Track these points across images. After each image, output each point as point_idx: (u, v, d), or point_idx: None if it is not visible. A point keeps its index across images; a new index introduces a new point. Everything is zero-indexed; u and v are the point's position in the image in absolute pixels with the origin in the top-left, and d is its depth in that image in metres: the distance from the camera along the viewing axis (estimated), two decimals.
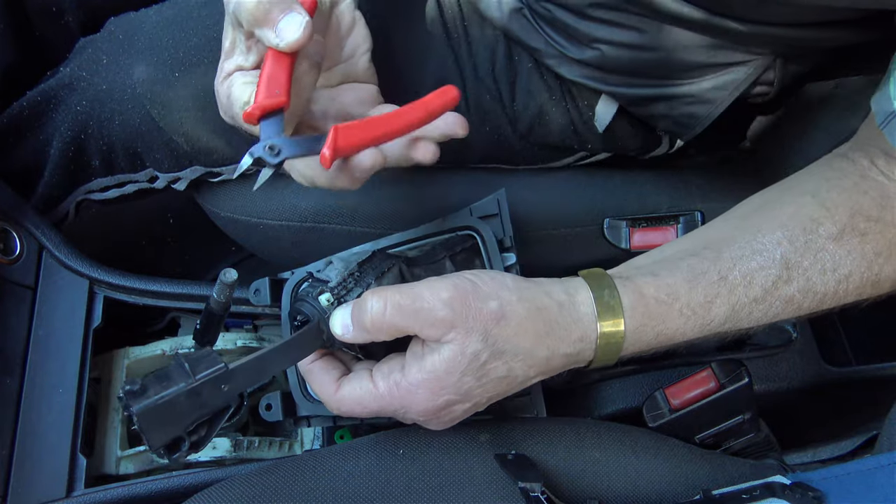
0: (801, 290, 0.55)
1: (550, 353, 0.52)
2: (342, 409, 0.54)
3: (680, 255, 0.57)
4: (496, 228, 0.66)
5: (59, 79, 0.72)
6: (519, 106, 0.77)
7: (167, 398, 0.45)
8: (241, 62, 0.53)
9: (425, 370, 0.50)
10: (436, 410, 0.52)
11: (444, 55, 0.75)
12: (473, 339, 0.49)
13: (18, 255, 0.66)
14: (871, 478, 0.51)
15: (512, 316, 0.50)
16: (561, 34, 0.72)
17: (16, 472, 0.60)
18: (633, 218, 0.80)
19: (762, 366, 0.83)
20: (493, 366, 0.51)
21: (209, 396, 0.47)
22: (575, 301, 0.53)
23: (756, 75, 0.69)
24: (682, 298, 0.54)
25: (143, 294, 0.71)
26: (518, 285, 0.52)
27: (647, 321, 0.53)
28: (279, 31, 0.49)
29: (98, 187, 0.75)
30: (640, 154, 0.84)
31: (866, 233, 0.55)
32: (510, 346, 0.50)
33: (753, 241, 0.56)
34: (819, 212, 0.56)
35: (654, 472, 0.62)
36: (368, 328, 0.51)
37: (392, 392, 0.51)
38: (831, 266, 0.55)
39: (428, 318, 0.49)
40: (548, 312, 0.51)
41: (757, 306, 0.55)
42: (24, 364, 0.63)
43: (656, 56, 0.68)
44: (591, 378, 0.83)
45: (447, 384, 0.50)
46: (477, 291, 0.50)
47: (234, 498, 0.57)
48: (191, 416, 0.47)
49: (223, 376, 0.48)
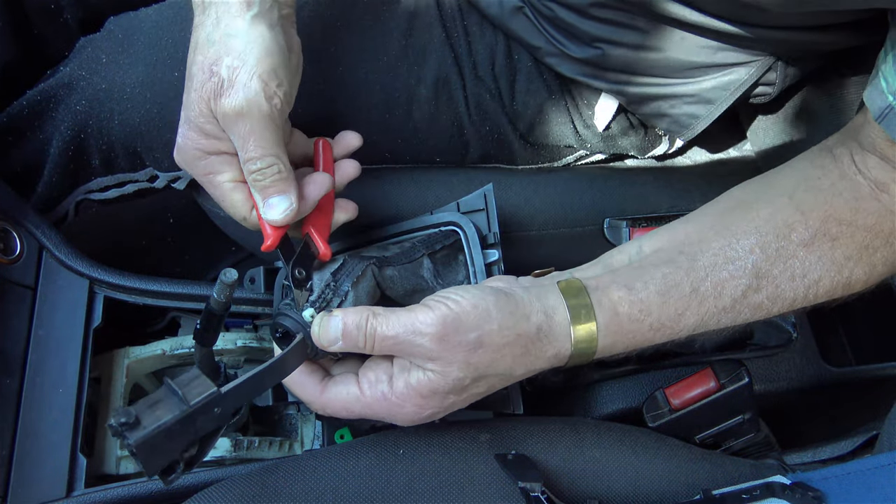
0: (769, 297, 0.57)
1: (526, 370, 0.55)
2: (328, 411, 0.56)
3: (655, 262, 0.58)
4: (482, 224, 0.66)
5: (58, 78, 0.72)
6: (519, 105, 0.77)
7: (163, 427, 0.45)
8: (235, 175, 0.58)
9: (411, 386, 0.53)
10: (420, 420, 0.55)
11: (444, 54, 0.75)
12: (454, 368, 0.52)
13: (18, 255, 0.66)
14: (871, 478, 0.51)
15: (490, 345, 0.52)
16: (562, 33, 0.72)
17: (16, 472, 0.60)
18: (633, 218, 0.80)
19: (762, 366, 0.83)
20: (473, 385, 0.54)
21: (202, 420, 0.48)
22: (552, 323, 0.54)
23: (757, 76, 0.69)
24: (654, 314, 0.55)
25: (143, 294, 0.71)
26: (501, 312, 0.53)
27: (618, 338, 0.56)
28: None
29: (98, 187, 0.75)
30: (640, 153, 0.84)
31: (837, 237, 0.56)
32: (490, 370, 0.53)
33: (727, 247, 0.57)
34: (794, 216, 0.57)
35: (654, 472, 0.62)
36: (358, 346, 0.53)
37: (379, 402, 0.54)
38: (801, 273, 0.56)
39: (414, 350, 0.52)
40: (526, 338, 0.54)
41: (725, 315, 0.57)
42: (24, 364, 0.63)
43: (658, 56, 0.68)
44: (591, 378, 0.83)
45: (433, 402, 0.53)
46: (458, 326, 0.52)
47: (234, 498, 0.57)
48: (185, 440, 0.47)
49: (216, 400, 0.48)
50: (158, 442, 0.46)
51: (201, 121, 0.56)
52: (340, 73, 0.73)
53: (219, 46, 0.55)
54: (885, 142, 0.55)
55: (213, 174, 0.58)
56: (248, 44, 0.54)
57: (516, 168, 0.82)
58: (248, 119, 0.54)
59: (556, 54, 0.74)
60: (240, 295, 0.73)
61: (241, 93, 0.53)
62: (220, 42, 0.55)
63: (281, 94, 0.55)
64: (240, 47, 0.54)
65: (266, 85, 0.54)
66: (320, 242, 0.61)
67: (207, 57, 0.55)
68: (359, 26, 0.74)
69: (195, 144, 0.57)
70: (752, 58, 0.68)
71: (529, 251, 0.79)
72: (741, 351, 0.80)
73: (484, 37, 0.76)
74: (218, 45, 0.55)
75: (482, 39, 0.76)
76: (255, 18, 0.55)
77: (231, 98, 0.54)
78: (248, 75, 0.54)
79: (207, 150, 0.57)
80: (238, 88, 0.53)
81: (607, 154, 0.84)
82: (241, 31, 0.55)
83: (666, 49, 0.67)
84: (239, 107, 0.54)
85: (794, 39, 0.62)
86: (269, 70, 0.54)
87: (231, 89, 0.54)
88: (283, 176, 0.56)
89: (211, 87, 0.54)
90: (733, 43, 0.66)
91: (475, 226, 0.66)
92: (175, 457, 0.47)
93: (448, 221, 0.67)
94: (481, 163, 0.81)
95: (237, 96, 0.53)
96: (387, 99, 0.74)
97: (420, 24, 0.75)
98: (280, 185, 0.56)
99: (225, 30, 0.55)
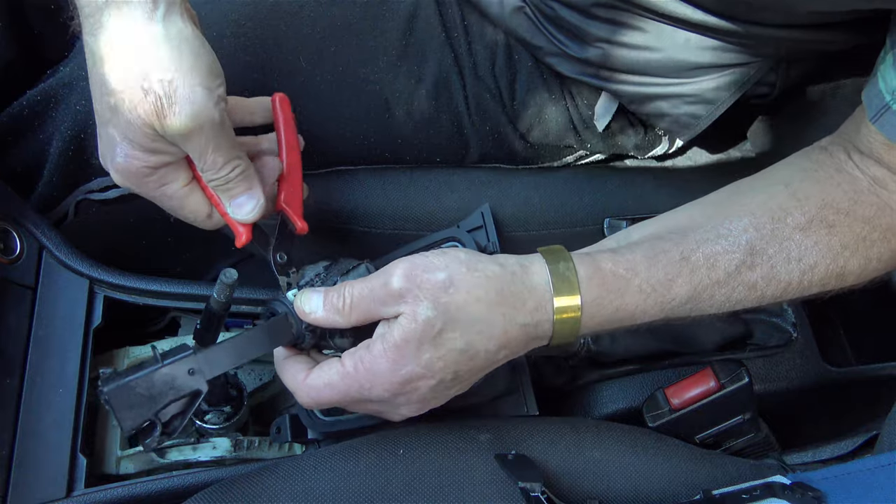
0: (764, 277, 0.56)
1: (506, 323, 0.52)
2: (311, 394, 0.55)
3: (644, 238, 0.58)
4: (481, 239, 0.69)
5: (58, 78, 0.72)
6: (519, 105, 0.77)
7: (136, 379, 0.49)
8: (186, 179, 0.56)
9: (386, 342, 0.52)
10: (400, 384, 0.53)
11: (444, 54, 0.75)
12: (423, 306, 0.51)
13: (18, 254, 0.66)
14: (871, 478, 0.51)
15: (461, 284, 0.51)
16: (564, 32, 0.72)
17: (16, 472, 0.60)
18: (633, 218, 0.80)
19: (762, 366, 0.83)
20: (449, 336, 0.51)
21: (181, 380, 0.51)
22: (528, 271, 0.54)
23: (758, 76, 0.69)
24: (642, 274, 0.54)
25: (143, 294, 0.71)
26: (470, 258, 0.54)
27: (604, 293, 0.54)
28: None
29: (98, 187, 0.75)
30: (640, 153, 0.84)
31: (834, 225, 0.56)
32: (463, 315, 0.51)
33: (720, 226, 0.56)
34: (789, 202, 0.56)
35: (654, 472, 0.62)
36: (335, 305, 0.53)
37: (357, 367, 0.53)
38: (797, 255, 0.55)
39: (383, 291, 0.52)
40: (498, 280, 0.52)
41: (719, 289, 0.55)
42: (24, 364, 0.63)
43: (659, 56, 0.68)
44: (591, 378, 0.83)
45: (406, 353, 0.51)
46: (427, 265, 0.52)
47: (234, 498, 0.57)
48: (162, 399, 0.50)
49: (191, 359, 0.51)
50: (132, 396, 0.49)
51: (144, 141, 0.51)
52: (340, 73, 0.73)
53: (139, 59, 0.49)
54: (882, 146, 0.55)
55: (165, 185, 0.55)
56: (172, 50, 0.49)
57: (516, 168, 0.82)
58: (201, 133, 0.51)
59: (557, 54, 0.74)
60: (240, 295, 0.73)
61: (188, 108, 0.49)
62: (137, 53, 0.49)
63: (222, 92, 0.52)
64: (165, 56, 0.49)
65: (209, 91, 0.50)
66: (296, 218, 0.60)
67: (130, 73, 0.49)
68: (359, 26, 0.74)
69: (142, 163, 0.53)
70: (753, 58, 0.68)
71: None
72: (741, 351, 0.80)
73: (484, 37, 0.76)
74: (137, 58, 0.49)
75: (482, 39, 0.76)
76: (167, 17, 0.50)
77: (178, 116, 0.49)
78: (188, 87, 0.49)
79: (155, 165, 0.54)
80: (183, 104, 0.49)
81: (607, 154, 0.84)
82: (158, 38, 0.49)
83: (667, 49, 0.67)
84: (189, 124, 0.50)
85: (795, 39, 0.63)
86: (205, 73, 0.51)
87: (175, 107, 0.49)
88: (246, 174, 0.55)
89: (149, 107, 0.49)
90: (734, 43, 0.66)
91: (475, 241, 0.68)
92: (150, 416, 0.50)
93: (448, 237, 0.69)
94: (481, 162, 0.81)
95: (184, 113, 0.49)
96: (387, 99, 0.74)
97: (420, 24, 0.75)
98: (244, 183, 0.55)
99: (137, 39, 0.49)
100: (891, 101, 0.51)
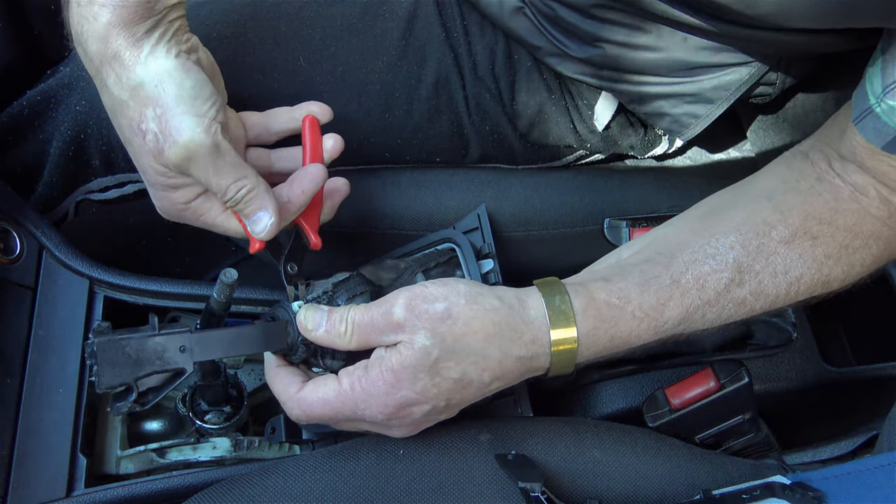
0: (752, 293, 0.57)
1: (502, 355, 0.54)
2: (302, 407, 0.56)
3: (633, 261, 0.59)
4: (477, 240, 0.69)
5: (58, 78, 0.72)
6: (518, 105, 0.77)
7: (128, 339, 0.50)
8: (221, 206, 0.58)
9: (384, 366, 0.53)
10: (395, 408, 0.54)
11: (444, 54, 0.75)
12: (421, 335, 0.52)
13: (18, 255, 0.66)
14: (871, 478, 0.51)
15: (459, 315, 0.53)
16: (563, 32, 0.72)
17: (16, 472, 0.60)
18: (633, 218, 0.80)
19: (762, 366, 0.83)
20: (445, 365, 0.53)
21: (170, 354, 0.52)
22: (525, 304, 0.55)
23: (758, 76, 0.69)
24: (634, 301, 0.55)
25: (143, 294, 0.71)
26: (470, 291, 0.55)
27: (599, 324, 0.55)
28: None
29: (98, 187, 0.75)
30: (640, 153, 0.84)
31: (818, 236, 0.57)
32: (460, 346, 0.53)
33: (707, 245, 0.57)
34: (773, 215, 0.58)
35: (654, 472, 0.62)
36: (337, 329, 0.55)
37: (354, 387, 0.54)
38: (783, 269, 0.57)
39: (384, 321, 0.53)
40: (496, 314, 0.54)
41: (710, 308, 0.57)
42: (24, 364, 0.63)
43: (659, 55, 0.68)
44: (591, 378, 0.83)
45: (403, 379, 0.53)
46: (427, 295, 0.54)
47: (234, 498, 0.57)
48: (146, 367, 0.51)
49: (185, 337, 0.52)
50: (119, 355, 0.50)
51: (162, 179, 0.55)
52: (340, 73, 0.73)
53: (134, 103, 0.52)
54: (865, 150, 0.55)
55: (202, 215, 0.59)
56: (157, 86, 0.51)
57: (516, 168, 0.82)
58: (197, 160, 0.53)
59: (557, 54, 0.74)
60: (240, 295, 0.73)
61: (178, 139, 0.51)
62: (131, 98, 0.52)
63: (214, 113, 0.53)
64: (152, 94, 0.52)
65: (197, 117, 0.52)
66: (311, 233, 0.61)
67: (131, 118, 0.53)
68: (358, 26, 0.74)
69: (172, 201, 0.57)
70: (753, 58, 0.67)
71: (529, 251, 0.79)
72: (741, 351, 0.80)
73: (484, 37, 0.76)
74: (133, 102, 0.52)
75: (482, 39, 0.76)
76: (150, 57, 0.52)
77: (172, 149, 0.52)
78: (176, 118, 0.51)
79: (186, 199, 0.57)
80: (173, 136, 0.51)
81: (607, 154, 0.84)
82: (144, 77, 0.51)
83: (667, 49, 0.67)
84: (183, 154, 0.52)
85: (794, 41, 0.63)
86: (191, 100, 0.52)
87: (168, 140, 0.52)
88: (256, 192, 0.56)
89: (150, 146, 0.52)
90: (734, 44, 0.66)
91: (470, 242, 0.68)
92: (129, 380, 0.51)
93: (443, 238, 0.70)
94: (481, 162, 0.81)
95: (176, 145, 0.52)
96: (387, 99, 0.74)
97: (420, 24, 0.75)
98: (255, 202, 0.56)
99: (128, 83, 0.52)
100: (874, 105, 0.52)
